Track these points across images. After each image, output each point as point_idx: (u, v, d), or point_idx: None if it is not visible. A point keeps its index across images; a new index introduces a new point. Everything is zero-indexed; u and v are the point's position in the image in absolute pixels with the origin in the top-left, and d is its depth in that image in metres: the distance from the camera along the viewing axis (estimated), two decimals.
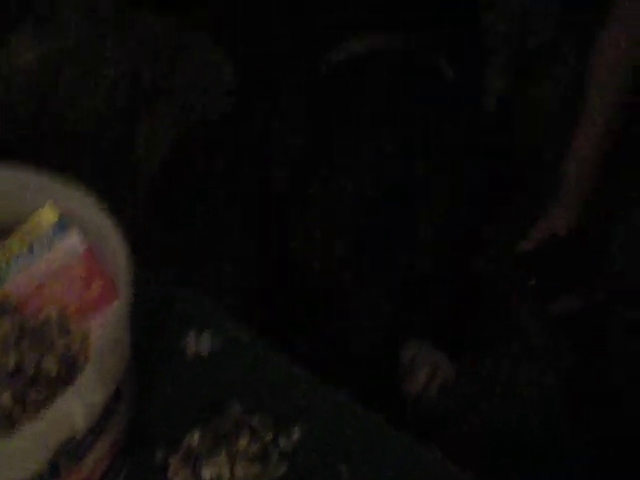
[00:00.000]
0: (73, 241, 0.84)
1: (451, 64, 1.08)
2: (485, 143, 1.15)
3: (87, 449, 0.75)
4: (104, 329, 0.76)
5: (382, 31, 1.07)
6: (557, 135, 1.18)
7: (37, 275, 0.86)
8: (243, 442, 0.86)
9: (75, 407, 0.70)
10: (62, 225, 0.84)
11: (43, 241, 0.85)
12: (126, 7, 1.44)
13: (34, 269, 0.86)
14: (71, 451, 0.73)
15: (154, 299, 0.96)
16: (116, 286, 0.80)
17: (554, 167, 1.14)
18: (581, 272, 1.14)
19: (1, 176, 0.84)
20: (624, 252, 1.15)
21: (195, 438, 0.87)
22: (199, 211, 1.37)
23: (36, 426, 0.69)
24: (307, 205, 1.14)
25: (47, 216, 0.84)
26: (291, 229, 1.18)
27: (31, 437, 0.68)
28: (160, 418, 0.90)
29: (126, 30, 1.45)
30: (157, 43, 1.44)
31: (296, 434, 0.89)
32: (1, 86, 1.42)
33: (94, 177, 0.91)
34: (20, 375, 0.81)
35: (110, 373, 0.74)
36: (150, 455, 0.87)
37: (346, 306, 1.07)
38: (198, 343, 0.96)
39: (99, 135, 1.40)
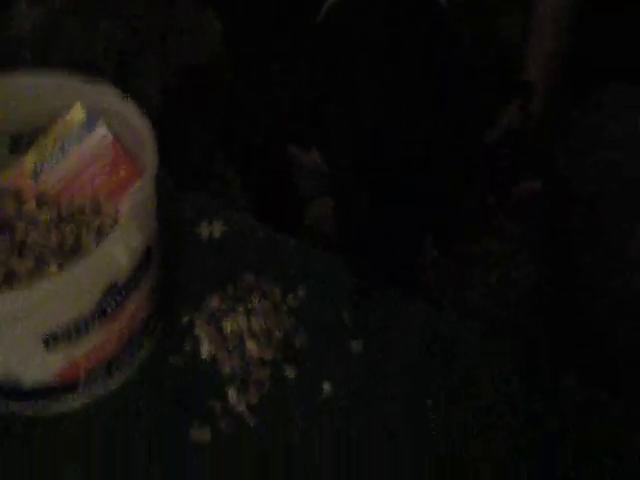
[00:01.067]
0: (101, 133, 0.97)
1: None
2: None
3: (128, 294, 0.89)
4: (135, 192, 0.90)
5: None
6: None
7: (70, 168, 0.99)
8: (256, 301, 1.01)
9: (118, 250, 0.84)
10: (91, 121, 0.98)
11: (73, 138, 0.99)
12: None
13: (67, 163, 0.99)
14: (116, 295, 0.87)
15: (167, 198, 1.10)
16: (141, 167, 0.94)
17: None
18: (541, 157, 1.28)
19: (35, 81, 0.97)
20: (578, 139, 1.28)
21: (215, 301, 1.01)
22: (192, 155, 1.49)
23: (87, 263, 0.83)
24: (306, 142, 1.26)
25: (77, 115, 0.98)
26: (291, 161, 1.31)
27: (82, 275, 0.82)
28: (183, 288, 1.04)
29: None
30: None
31: (301, 292, 1.03)
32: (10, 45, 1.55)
33: None
34: (62, 250, 0.95)
35: (144, 226, 0.88)
36: (177, 319, 1.01)
37: None
38: (210, 230, 1.10)
39: None
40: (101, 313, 0.87)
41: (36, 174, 1.00)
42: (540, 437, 0.92)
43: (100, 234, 0.96)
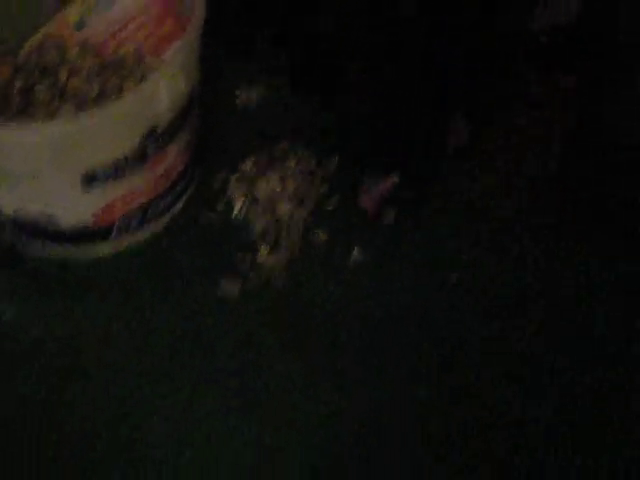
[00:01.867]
0: None
1: None
2: None
3: (169, 141, 0.90)
4: (180, 43, 0.90)
5: None
6: None
7: (115, 19, 0.99)
8: (292, 164, 1.01)
9: (160, 92, 0.84)
10: None
11: None
12: None
13: (112, 14, 1.00)
14: (157, 139, 0.88)
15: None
16: (187, 24, 0.94)
17: None
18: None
19: None
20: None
21: (250, 162, 1.02)
22: None
23: (128, 102, 0.83)
24: None
25: None
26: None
27: (126, 111, 0.83)
28: (219, 148, 1.05)
29: None
30: None
31: (333, 163, 1.04)
32: None
33: None
34: (104, 99, 0.95)
35: (186, 72, 0.88)
36: (213, 177, 1.02)
37: None
38: (249, 94, 1.10)
39: None
40: (140, 156, 0.88)
41: (80, 25, 1.00)
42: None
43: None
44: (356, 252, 0.97)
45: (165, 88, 0.85)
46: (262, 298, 0.94)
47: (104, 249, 0.95)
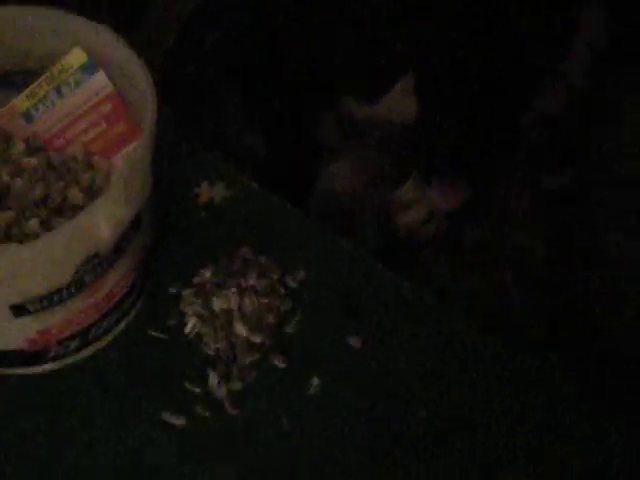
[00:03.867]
0: (100, 82, 0.89)
1: None
2: None
3: (110, 267, 0.81)
4: (129, 154, 0.82)
5: None
6: None
7: (64, 115, 0.91)
8: (252, 279, 0.93)
9: (101, 220, 0.76)
10: (90, 67, 0.89)
11: (71, 83, 0.90)
12: None
13: (61, 109, 0.91)
14: (96, 266, 0.80)
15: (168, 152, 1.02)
16: (140, 123, 0.85)
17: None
18: (571, 152, 1.19)
19: (32, 15, 0.89)
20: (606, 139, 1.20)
21: (207, 275, 0.94)
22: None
23: (64, 232, 0.75)
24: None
25: (76, 58, 0.89)
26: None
27: (60, 244, 0.75)
28: (175, 257, 0.96)
29: None
30: None
31: (301, 274, 0.95)
32: None
33: None
34: (46, 205, 0.87)
35: (133, 195, 0.80)
36: (164, 290, 0.94)
37: None
38: (211, 192, 1.02)
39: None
40: (77, 286, 0.79)
41: (29, 117, 0.92)
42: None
43: (90, 191, 0.88)
44: (316, 381, 0.89)
45: (109, 214, 0.77)
46: (210, 431, 0.85)
47: (40, 370, 0.87)
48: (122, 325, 0.90)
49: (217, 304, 0.92)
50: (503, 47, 1.11)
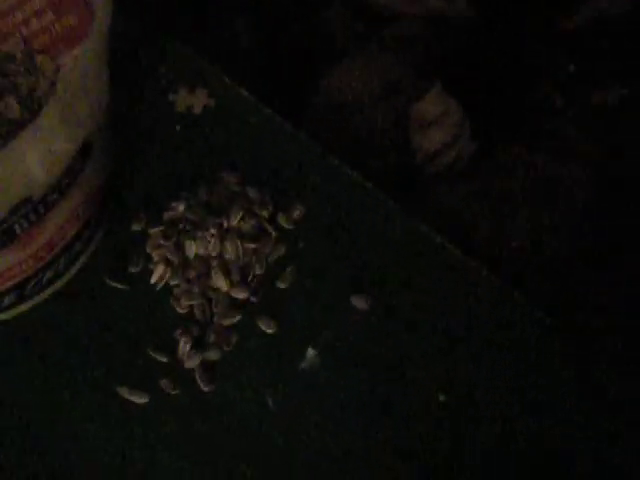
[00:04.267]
0: None
1: None
2: None
3: (48, 211, 0.62)
4: (74, 62, 0.62)
5: None
6: None
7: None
8: (236, 217, 0.74)
9: (32, 154, 0.56)
10: None
11: None
12: None
13: None
14: (29, 213, 0.60)
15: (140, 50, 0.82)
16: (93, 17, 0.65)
17: None
18: (629, 61, 0.99)
19: None
20: None
21: (180, 209, 0.75)
22: None
23: None
24: None
25: None
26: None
27: None
28: (141, 184, 0.77)
29: None
30: None
31: (297, 212, 0.76)
32: None
33: None
34: None
35: (78, 118, 0.60)
36: (126, 227, 0.75)
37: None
38: (191, 99, 0.81)
39: None
40: (6, 236, 0.60)
41: None
42: None
43: (29, 102, 0.68)
44: (311, 352, 0.71)
45: (41, 148, 0.57)
46: (178, 411, 0.68)
47: None
48: (69, 274, 0.71)
49: (192, 248, 0.73)
50: None
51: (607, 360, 0.72)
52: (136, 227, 0.75)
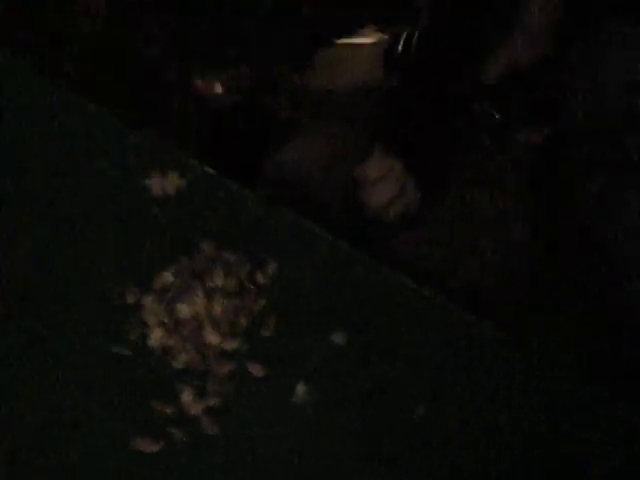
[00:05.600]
0: None
1: None
2: None
3: None
4: None
5: None
6: None
7: None
8: (218, 278, 0.83)
9: None
10: None
11: None
12: None
13: None
14: None
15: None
16: None
17: None
18: (545, 105, 1.11)
19: None
20: (586, 91, 1.11)
21: (168, 277, 0.84)
22: None
23: None
24: None
25: None
26: None
27: None
28: (128, 261, 0.86)
29: None
30: None
31: (272, 268, 0.86)
32: None
33: None
34: None
35: None
36: (122, 300, 0.83)
37: None
38: (164, 182, 0.91)
39: None
40: None
41: None
42: None
43: None
44: (301, 387, 0.80)
45: None
46: (188, 455, 0.76)
47: None
48: None
49: (183, 311, 0.82)
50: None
51: None
52: (130, 299, 0.83)
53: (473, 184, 1.02)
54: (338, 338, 0.82)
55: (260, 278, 0.85)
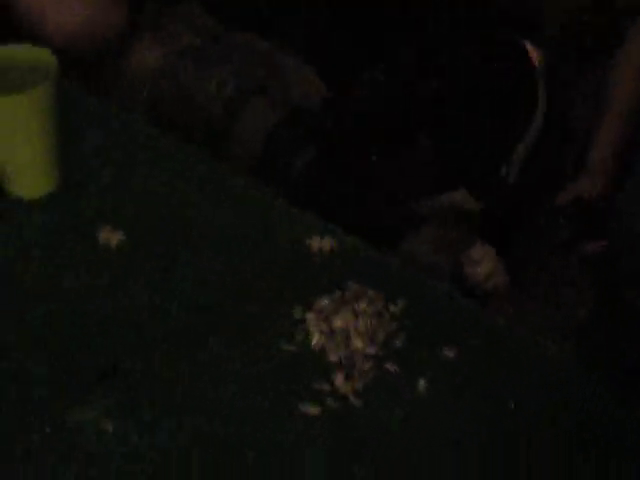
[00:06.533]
0: None
1: None
2: None
3: None
4: None
5: None
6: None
7: None
8: (363, 304, 1.14)
9: None
10: None
11: None
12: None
13: None
14: None
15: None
16: None
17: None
18: (602, 226, 1.43)
19: None
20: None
21: (325, 302, 1.14)
22: None
23: None
24: None
25: None
26: None
27: None
28: (297, 290, 1.17)
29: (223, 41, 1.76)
30: (253, 56, 1.75)
31: (401, 303, 1.16)
32: (126, 85, 1.72)
33: None
34: None
35: None
36: (291, 315, 1.14)
37: None
38: (321, 243, 1.23)
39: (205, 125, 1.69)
40: None
41: None
42: None
43: None
44: (422, 382, 1.08)
45: None
46: (339, 418, 1.04)
47: None
48: None
49: (336, 323, 1.12)
50: None
51: None
52: (297, 315, 1.14)
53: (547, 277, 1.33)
54: (449, 351, 1.11)
55: (392, 309, 1.15)
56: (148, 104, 1.71)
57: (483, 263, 1.29)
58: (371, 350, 1.10)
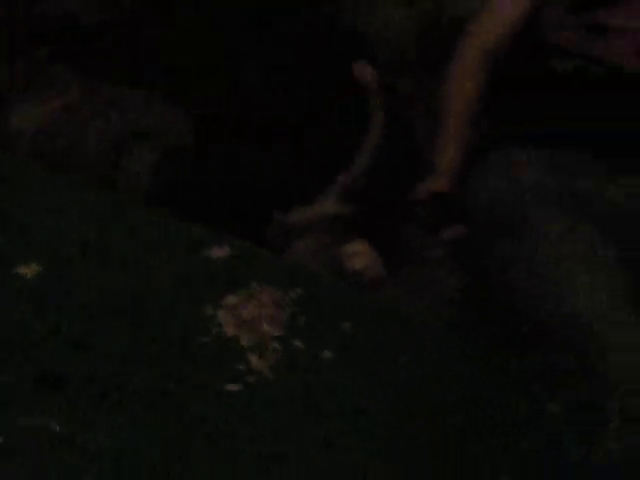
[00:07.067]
0: None
1: None
2: None
3: None
4: None
5: None
6: None
7: None
8: (265, 297, 1.31)
9: None
10: None
11: None
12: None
13: None
14: None
15: None
16: None
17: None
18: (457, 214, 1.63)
19: None
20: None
21: (232, 298, 1.30)
22: None
23: None
24: None
25: None
26: None
27: None
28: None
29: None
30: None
31: (298, 291, 1.33)
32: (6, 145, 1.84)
33: None
34: None
35: None
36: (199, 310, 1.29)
37: None
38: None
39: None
40: None
41: None
42: None
43: None
44: (326, 354, 1.24)
45: None
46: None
47: None
48: None
49: (244, 314, 1.29)
50: None
51: None
52: (208, 312, 1.29)
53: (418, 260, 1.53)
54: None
55: (292, 295, 1.32)
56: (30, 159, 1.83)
57: (358, 256, 1.48)
58: (277, 332, 1.27)
